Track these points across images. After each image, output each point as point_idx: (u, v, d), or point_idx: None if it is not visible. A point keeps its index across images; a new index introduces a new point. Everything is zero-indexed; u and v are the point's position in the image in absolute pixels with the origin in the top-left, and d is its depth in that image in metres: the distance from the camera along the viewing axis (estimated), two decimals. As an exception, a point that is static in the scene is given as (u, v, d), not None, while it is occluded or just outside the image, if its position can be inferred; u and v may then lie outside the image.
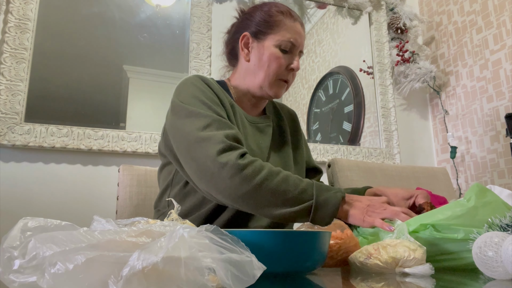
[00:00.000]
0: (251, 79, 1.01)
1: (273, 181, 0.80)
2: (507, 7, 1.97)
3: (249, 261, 0.39)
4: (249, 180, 0.79)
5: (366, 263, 0.63)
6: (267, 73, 0.98)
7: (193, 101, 0.90)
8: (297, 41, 0.99)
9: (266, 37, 0.99)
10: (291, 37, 0.98)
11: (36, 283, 0.35)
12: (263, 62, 0.98)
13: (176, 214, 0.58)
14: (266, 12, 1.01)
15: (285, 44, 0.98)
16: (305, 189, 0.81)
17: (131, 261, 0.34)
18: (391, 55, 2.30)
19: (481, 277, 0.55)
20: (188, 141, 0.85)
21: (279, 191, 0.80)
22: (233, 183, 0.79)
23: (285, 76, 1.00)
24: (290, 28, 0.99)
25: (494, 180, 1.98)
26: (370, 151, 2.13)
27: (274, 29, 0.99)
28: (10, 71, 1.54)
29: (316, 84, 2.26)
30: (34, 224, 0.41)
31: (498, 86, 1.99)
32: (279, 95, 1.02)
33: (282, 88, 1.02)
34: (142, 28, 1.84)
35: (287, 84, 1.03)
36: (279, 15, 0.99)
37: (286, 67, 0.99)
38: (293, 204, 0.80)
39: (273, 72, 0.98)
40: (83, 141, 1.59)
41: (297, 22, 1.01)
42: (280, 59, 0.98)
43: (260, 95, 1.03)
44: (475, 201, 0.65)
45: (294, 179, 0.83)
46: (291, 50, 0.99)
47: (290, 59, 0.99)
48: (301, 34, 1.01)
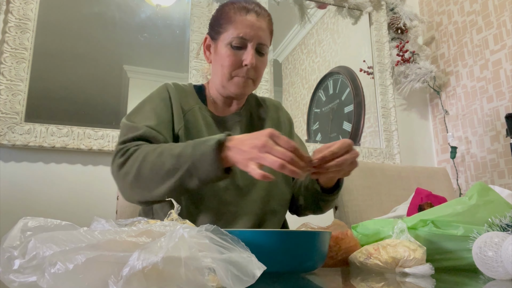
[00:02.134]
0: (215, 80, 1.02)
1: (149, 160, 0.80)
2: (507, 7, 1.97)
3: (249, 261, 0.39)
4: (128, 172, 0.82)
5: (366, 263, 0.63)
6: (223, 73, 0.97)
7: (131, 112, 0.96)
8: (248, 34, 0.95)
9: (219, 37, 0.98)
10: (240, 33, 0.94)
11: (36, 283, 0.35)
12: (218, 63, 0.98)
13: (176, 214, 0.58)
14: (218, 10, 1.01)
15: (236, 41, 0.95)
16: (181, 152, 0.78)
17: (131, 261, 0.34)
18: (391, 55, 2.30)
19: (481, 277, 0.55)
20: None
21: (156, 168, 0.79)
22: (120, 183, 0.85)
23: (241, 73, 0.96)
24: (240, 22, 0.95)
25: (494, 180, 1.97)
26: (370, 151, 2.13)
27: (224, 27, 0.97)
28: (10, 71, 1.54)
29: (316, 84, 2.26)
30: (34, 224, 0.41)
31: (498, 87, 1.99)
32: (243, 91, 0.99)
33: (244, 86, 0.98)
34: (142, 28, 1.84)
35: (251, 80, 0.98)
36: (229, 12, 0.97)
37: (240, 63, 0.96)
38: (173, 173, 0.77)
39: (227, 71, 0.96)
40: (83, 141, 1.59)
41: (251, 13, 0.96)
42: (231, 56, 0.95)
43: (226, 95, 1.02)
44: (477, 199, 0.65)
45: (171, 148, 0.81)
46: (244, 45, 0.95)
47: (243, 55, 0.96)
48: (253, 25, 0.95)
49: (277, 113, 1.14)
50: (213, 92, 1.05)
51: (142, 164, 0.80)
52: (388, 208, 1.43)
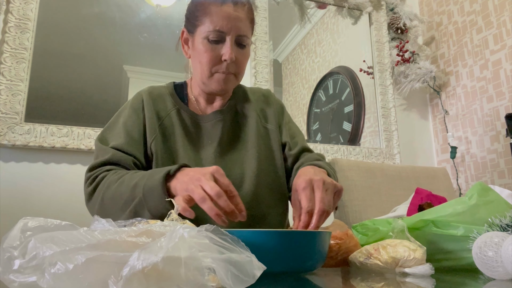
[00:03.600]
0: (195, 76, 0.97)
1: (110, 190, 0.79)
2: (507, 7, 1.97)
3: (249, 261, 0.39)
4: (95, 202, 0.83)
5: (366, 263, 0.63)
6: (202, 69, 0.92)
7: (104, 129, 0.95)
8: (224, 27, 0.88)
9: (195, 30, 0.92)
10: (216, 25, 0.88)
11: (36, 283, 0.35)
12: (196, 58, 0.93)
13: (176, 214, 0.58)
14: (195, 2, 0.94)
15: (213, 35, 0.88)
16: (136, 183, 0.76)
17: (131, 261, 0.34)
18: (391, 55, 2.30)
19: (481, 277, 0.55)
20: None
21: (116, 197, 0.78)
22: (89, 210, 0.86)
23: (221, 68, 0.91)
24: (215, 14, 0.88)
25: (494, 180, 1.97)
26: (370, 151, 2.13)
27: (200, 20, 0.90)
28: (10, 71, 1.54)
29: (316, 84, 2.26)
30: (34, 224, 0.41)
31: (498, 87, 1.99)
32: (225, 87, 0.94)
33: (226, 82, 0.92)
34: (142, 28, 1.84)
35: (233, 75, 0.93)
36: (204, 3, 0.90)
37: (219, 58, 0.90)
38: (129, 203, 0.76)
39: (206, 67, 0.90)
40: (83, 141, 1.59)
41: (227, 3, 0.89)
42: (209, 52, 0.89)
43: (208, 91, 0.97)
44: (477, 199, 0.65)
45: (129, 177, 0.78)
46: (222, 38, 0.89)
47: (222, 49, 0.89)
48: (229, 17, 0.88)
49: (266, 103, 1.08)
50: (195, 89, 1.01)
51: (105, 194, 0.81)
52: (388, 208, 1.43)
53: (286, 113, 1.11)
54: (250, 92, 1.09)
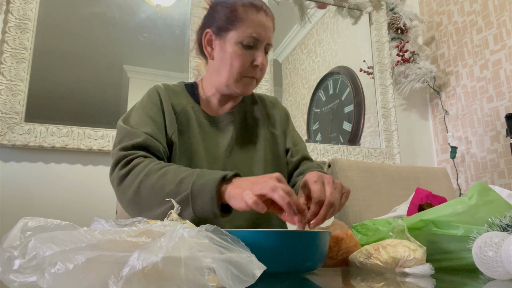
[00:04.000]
0: (217, 78, 0.98)
1: (150, 180, 0.77)
2: (507, 7, 1.97)
3: (249, 261, 0.39)
4: (128, 187, 0.80)
5: (366, 263, 0.63)
6: (230, 72, 0.94)
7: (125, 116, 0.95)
8: (260, 35, 0.92)
9: (227, 34, 0.94)
10: (253, 32, 0.92)
11: (36, 283, 0.35)
12: (225, 61, 0.94)
13: (176, 214, 0.58)
14: (227, 6, 0.95)
15: (248, 40, 0.92)
16: (183, 178, 0.75)
17: (131, 261, 0.34)
18: (391, 55, 2.30)
19: (481, 277, 0.55)
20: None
21: (157, 188, 0.76)
22: (119, 196, 0.83)
23: (250, 73, 0.95)
24: (252, 21, 0.92)
25: (494, 180, 1.97)
26: (370, 151, 2.13)
27: (235, 24, 0.93)
28: (10, 71, 1.54)
29: (316, 84, 2.26)
30: (34, 224, 0.41)
31: (498, 87, 1.99)
32: (247, 91, 0.98)
33: (249, 85, 0.97)
34: (142, 28, 1.84)
35: (256, 80, 0.97)
36: (240, 9, 0.93)
37: (250, 63, 0.94)
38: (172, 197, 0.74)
39: (237, 71, 0.93)
40: (83, 141, 1.59)
41: (261, 13, 0.94)
42: (242, 56, 0.92)
43: (228, 93, 0.99)
44: (477, 199, 0.65)
45: (174, 171, 0.77)
46: (255, 45, 0.93)
47: (254, 55, 0.94)
48: (264, 25, 0.93)
49: (273, 109, 1.11)
50: (209, 90, 1.02)
51: (143, 182, 0.78)
52: (388, 208, 1.43)
53: (291, 121, 1.15)
54: (258, 97, 1.13)
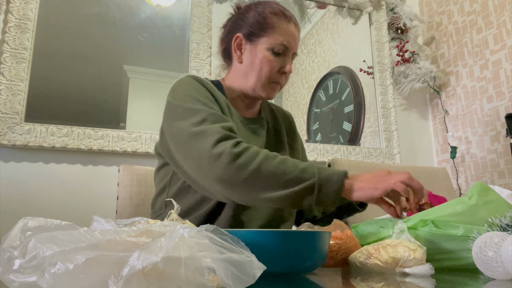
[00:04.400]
0: (244, 81, 1.00)
1: (271, 164, 0.78)
2: (507, 7, 1.97)
3: (249, 261, 0.39)
4: (246, 166, 0.78)
5: (366, 263, 0.63)
6: (259, 77, 0.97)
7: (187, 99, 0.90)
8: (290, 44, 0.98)
9: (259, 40, 0.98)
10: (284, 40, 0.97)
11: (36, 283, 0.35)
12: (255, 65, 0.98)
13: (176, 214, 0.58)
14: (260, 13, 0.99)
15: (278, 47, 0.96)
16: (306, 167, 0.78)
17: (131, 261, 0.34)
18: (391, 55, 2.30)
19: (481, 277, 0.55)
20: (184, 138, 0.85)
21: (278, 173, 0.77)
22: (230, 172, 0.78)
23: (277, 79, 0.99)
24: (283, 30, 0.97)
25: (494, 180, 1.97)
26: (370, 151, 2.13)
27: (267, 31, 0.97)
28: (10, 71, 1.54)
29: (316, 84, 2.26)
30: (34, 224, 0.41)
31: (498, 86, 1.99)
32: (272, 96, 1.02)
33: (275, 90, 1.01)
34: (142, 28, 1.84)
35: (280, 86, 1.02)
36: (273, 17, 0.98)
37: (278, 70, 0.98)
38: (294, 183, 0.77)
39: (265, 75, 0.97)
40: (83, 141, 1.59)
41: (291, 23, 0.99)
42: (272, 62, 0.97)
43: (253, 96, 1.02)
44: (477, 199, 0.65)
45: (292, 160, 0.81)
46: (284, 53, 0.98)
47: (282, 62, 0.98)
48: (294, 36, 0.99)
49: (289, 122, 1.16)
50: (232, 92, 1.04)
51: (263, 164, 0.78)
52: (388, 208, 1.42)
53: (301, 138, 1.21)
54: (275, 108, 1.17)
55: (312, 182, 0.77)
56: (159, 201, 1.01)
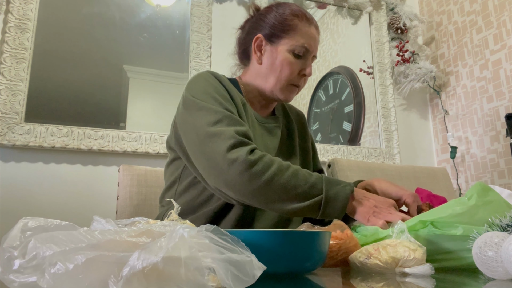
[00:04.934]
0: (262, 82, 1.00)
1: (283, 176, 0.80)
2: (507, 7, 1.97)
3: (249, 261, 0.39)
4: (259, 175, 0.79)
5: (366, 263, 0.63)
6: (278, 78, 0.97)
7: (204, 97, 0.90)
8: (311, 46, 0.97)
9: (280, 41, 0.97)
10: (305, 42, 0.96)
11: (36, 283, 0.35)
12: (275, 67, 0.97)
13: (176, 214, 0.58)
14: (281, 14, 0.99)
15: (299, 50, 0.96)
16: (315, 183, 0.81)
17: (131, 261, 0.34)
18: (391, 55, 2.30)
19: (481, 277, 0.55)
20: (199, 136, 0.85)
21: (289, 186, 0.80)
22: (243, 179, 0.79)
23: (297, 81, 0.99)
24: (305, 33, 0.97)
25: (494, 180, 1.97)
26: (370, 151, 2.13)
27: (288, 33, 0.97)
28: (10, 71, 1.54)
29: (316, 84, 2.26)
30: (34, 224, 0.41)
31: (498, 86, 1.99)
32: (290, 99, 1.02)
33: (293, 93, 1.01)
34: (142, 28, 1.84)
35: (298, 88, 1.02)
36: (294, 19, 0.97)
37: (298, 72, 0.98)
38: (303, 198, 0.80)
39: (285, 77, 0.97)
40: (83, 141, 1.59)
41: (312, 26, 0.99)
42: (292, 64, 0.96)
43: (271, 98, 1.02)
44: (476, 199, 0.65)
45: (303, 173, 0.83)
46: (305, 55, 0.97)
47: (303, 65, 0.98)
48: (315, 38, 0.99)
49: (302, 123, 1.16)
50: (251, 91, 1.03)
51: (276, 177, 0.80)
52: (388, 208, 1.42)
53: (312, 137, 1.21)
54: (288, 108, 1.17)
55: (319, 198, 0.80)
56: (168, 195, 1.01)
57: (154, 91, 1.83)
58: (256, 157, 0.80)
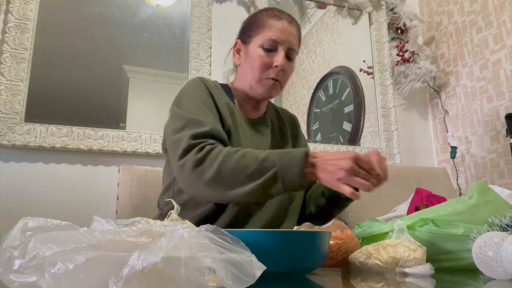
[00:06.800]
0: (243, 81, 1.04)
1: (231, 161, 0.80)
2: (507, 7, 1.97)
3: (249, 261, 0.39)
4: (207, 169, 0.81)
5: (366, 263, 0.63)
6: (253, 73, 1.00)
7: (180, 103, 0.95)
8: (280, 38, 0.98)
9: (251, 40, 1.01)
10: (273, 35, 0.98)
11: (36, 283, 0.35)
12: (248, 63, 1.01)
13: (176, 214, 0.58)
14: (253, 16, 1.05)
15: (268, 43, 0.98)
16: (266, 157, 0.80)
17: (131, 261, 0.34)
18: (391, 55, 2.30)
19: (481, 277, 0.55)
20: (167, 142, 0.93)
21: (239, 168, 0.79)
22: (193, 179, 0.82)
23: (271, 74, 0.99)
24: (273, 26, 0.99)
25: (494, 180, 1.97)
26: (370, 150, 2.13)
27: (257, 30, 1.01)
28: (10, 71, 1.54)
29: (316, 84, 2.26)
30: (34, 224, 0.41)
31: (498, 86, 1.99)
32: (271, 94, 1.02)
33: (272, 88, 1.01)
34: (142, 28, 1.84)
35: (279, 83, 1.01)
36: (263, 17, 1.02)
37: (270, 65, 0.99)
38: (257, 176, 0.78)
39: (257, 71, 0.99)
40: (83, 141, 1.59)
41: (283, 20, 1.01)
42: (262, 57, 0.98)
43: (253, 96, 1.04)
44: (477, 198, 0.65)
45: (253, 152, 0.82)
46: (275, 48, 0.99)
47: (274, 57, 0.99)
48: (285, 31, 0.99)
49: (294, 126, 1.18)
50: (239, 93, 1.07)
51: (223, 164, 0.80)
52: (388, 208, 1.43)
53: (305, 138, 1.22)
54: (280, 111, 1.19)
55: (274, 171, 0.78)
56: (164, 197, 1.03)
57: (154, 91, 1.83)
58: (203, 153, 0.82)
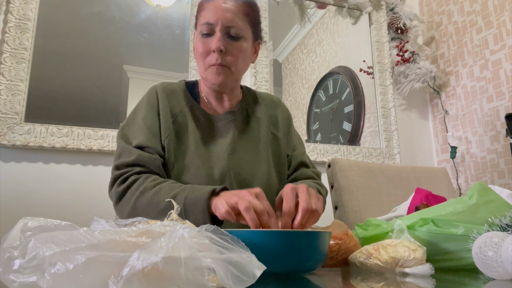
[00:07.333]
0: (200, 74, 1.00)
1: (147, 196, 0.82)
2: (507, 7, 1.97)
3: (249, 261, 0.39)
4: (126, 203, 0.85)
5: (366, 263, 0.63)
6: (199, 64, 0.96)
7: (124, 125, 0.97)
8: (213, 19, 0.91)
9: (196, 29, 0.98)
10: (205, 18, 0.92)
11: (36, 283, 0.35)
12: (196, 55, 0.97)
13: (176, 214, 0.58)
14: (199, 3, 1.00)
15: (203, 28, 0.92)
16: (177, 194, 0.80)
17: (131, 261, 0.34)
18: (391, 55, 2.30)
19: (481, 277, 0.55)
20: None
21: (152, 204, 0.81)
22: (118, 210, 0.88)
23: (213, 60, 0.92)
24: (207, 8, 0.93)
25: (494, 180, 1.97)
26: (370, 151, 2.13)
27: (198, 18, 0.96)
28: (10, 71, 1.54)
29: (316, 84, 2.26)
30: (34, 224, 0.41)
31: (498, 86, 1.99)
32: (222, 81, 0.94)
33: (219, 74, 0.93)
34: (142, 28, 1.84)
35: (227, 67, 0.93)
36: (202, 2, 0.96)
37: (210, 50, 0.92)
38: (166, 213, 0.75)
39: (201, 60, 0.95)
40: (83, 141, 1.59)
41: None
42: (202, 44, 0.93)
43: (209, 87, 0.99)
44: (477, 198, 0.65)
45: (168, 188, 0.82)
46: (212, 31, 0.92)
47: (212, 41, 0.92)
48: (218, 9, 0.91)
49: (275, 110, 1.10)
50: (204, 88, 1.03)
51: (138, 200, 0.83)
52: (388, 208, 1.43)
53: (292, 124, 1.15)
54: (260, 97, 1.12)
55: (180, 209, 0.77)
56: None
57: (154, 91, 1.82)
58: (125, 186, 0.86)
